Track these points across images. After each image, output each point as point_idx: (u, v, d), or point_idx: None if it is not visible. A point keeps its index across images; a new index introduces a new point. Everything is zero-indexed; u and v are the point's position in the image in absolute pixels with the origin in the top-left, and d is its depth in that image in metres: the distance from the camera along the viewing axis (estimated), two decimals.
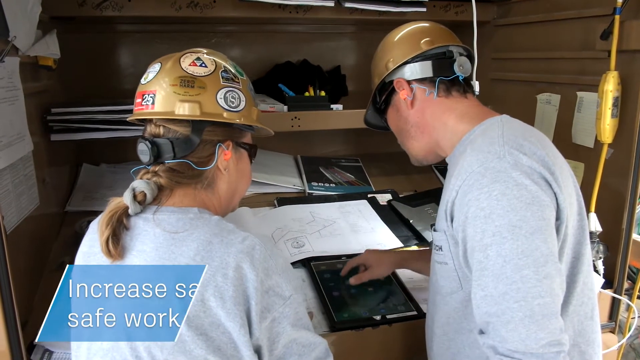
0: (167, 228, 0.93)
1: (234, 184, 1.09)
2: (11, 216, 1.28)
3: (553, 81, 1.82)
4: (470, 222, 0.96)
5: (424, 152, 1.26)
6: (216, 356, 0.88)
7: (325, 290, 1.51)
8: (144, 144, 0.99)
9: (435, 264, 1.15)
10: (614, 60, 1.49)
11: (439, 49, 1.20)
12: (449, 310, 1.12)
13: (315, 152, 2.55)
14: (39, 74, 1.66)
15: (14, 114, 1.33)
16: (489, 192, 0.94)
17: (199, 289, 0.87)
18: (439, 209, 1.13)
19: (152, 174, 0.99)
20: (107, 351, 0.92)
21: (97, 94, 2.08)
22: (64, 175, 2.00)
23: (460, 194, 0.99)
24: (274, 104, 2.01)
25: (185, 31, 2.28)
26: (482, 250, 0.94)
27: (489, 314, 0.93)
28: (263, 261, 0.92)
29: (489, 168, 0.96)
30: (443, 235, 1.08)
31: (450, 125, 1.17)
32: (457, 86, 1.20)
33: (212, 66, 1.02)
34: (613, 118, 1.51)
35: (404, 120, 1.25)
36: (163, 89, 0.99)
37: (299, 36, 2.47)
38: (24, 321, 1.25)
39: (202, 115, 0.98)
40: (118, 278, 0.92)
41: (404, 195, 2.22)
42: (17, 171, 1.34)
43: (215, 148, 1.02)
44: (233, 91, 1.03)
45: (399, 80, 1.22)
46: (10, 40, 1.26)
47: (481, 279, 0.95)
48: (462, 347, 1.10)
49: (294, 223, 1.90)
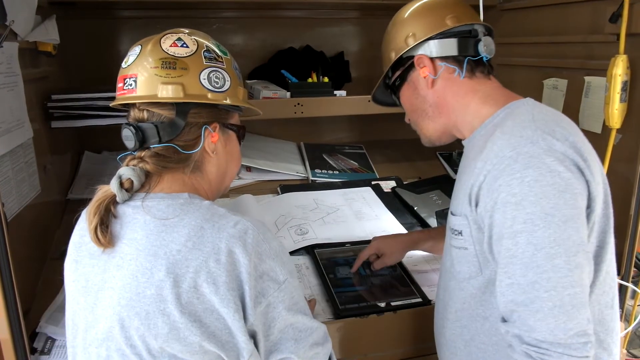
0: (157, 215, 0.92)
1: (223, 167, 1.06)
2: (12, 203, 1.27)
3: (560, 66, 1.80)
4: (499, 208, 0.94)
5: (438, 133, 1.21)
6: (211, 342, 0.87)
7: (329, 278, 1.50)
8: (128, 129, 0.97)
9: (451, 249, 1.11)
10: (623, 44, 1.46)
11: (464, 27, 1.14)
12: (464, 296, 1.10)
13: (319, 139, 2.53)
14: (39, 59, 1.65)
15: (13, 100, 1.32)
16: (521, 178, 0.91)
17: (192, 275, 0.86)
18: (456, 192, 1.10)
19: (138, 160, 0.97)
20: (101, 341, 0.91)
21: (98, 81, 2.05)
22: (66, 162, 1.98)
23: (489, 179, 0.96)
24: (277, 90, 1.99)
25: (186, 17, 2.26)
26: (511, 237, 0.91)
27: (515, 302, 0.91)
28: (256, 245, 0.90)
29: (522, 153, 0.93)
30: (464, 220, 1.05)
31: (473, 107, 1.12)
32: (482, 67, 1.15)
33: (193, 46, 0.99)
34: (622, 103, 1.48)
35: (421, 99, 1.19)
36: (144, 71, 0.96)
37: (302, 22, 2.44)
38: (26, 309, 1.24)
39: (185, 97, 0.96)
40: (110, 267, 0.92)
41: (408, 182, 2.20)
42: (17, 158, 1.33)
43: (201, 131, 0.99)
44: (217, 71, 1.00)
45: (420, 57, 1.15)
46: (8, 25, 1.25)
47: (508, 266, 0.92)
48: (477, 334, 1.08)
49: (297, 210, 1.89)
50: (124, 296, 0.88)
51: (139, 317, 0.87)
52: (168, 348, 0.86)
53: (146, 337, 0.86)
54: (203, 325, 0.86)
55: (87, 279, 0.95)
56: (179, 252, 0.87)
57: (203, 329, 0.86)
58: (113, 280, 0.90)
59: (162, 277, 0.86)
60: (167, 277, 0.86)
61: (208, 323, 0.87)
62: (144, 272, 0.87)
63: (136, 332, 0.87)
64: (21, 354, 1.17)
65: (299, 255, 1.65)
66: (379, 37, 1.32)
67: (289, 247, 1.65)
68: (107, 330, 0.90)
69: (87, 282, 0.95)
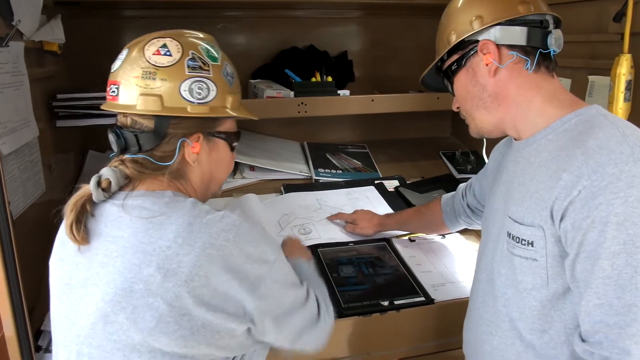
0: (142, 214, 0.92)
1: (207, 175, 1.06)
2: (17, 202, 1.28)
3: (563, 65, 1.76)
4: (596, 227, 0.88)
5: (491, 126, 1.13)
6: (200, 335, 0.88)
7: (333, 277, 1.50)
8: (112, 134, 0.97)
9: (513, 257, 1.05)
10: (627, 43, 1.46)
11: (536, 16, 1.05)
12: (522, 307, 1.05)
13: (322, 139, 2.54)
14: (44, 59, 1.65)
15: (19, 100, 1.33)
16: (625, 198, 0.86)
17: (183, 270, 0.86)
18: (521, 199, 1.03)
19: (119, 162, 0.98)
20: (83, 338, 0.91)
21: (103, 80, 2.04)
22: (70, 161, 1.99)
23: (586, 195, 0.90)
24: (281, 89, 2.00)
25: (190, 16, 2.26)
26: (608, 258, 0.87)
27: (606, 324, 0.88)
28: (245, 234, 0.92)
29: (624, 171, 0.87)
30: (539, 231, 0.98)
31: (536, 105, 1.05)
32: (548, 62, 1.07)
33: (177, 54, 0.96)
34: (626, 102, 1.48)
35: (480, 87, 1.10)
36: (126, 80, 0.96)
37: (306, 21, 2.44)
38: (31, 307, 1.25)
39: (163, 110, 0.94)
40: (94, 264, 0.92)
41: (412, 181, 2.20)
42: (22, 157, 1.34)
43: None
44: (200, 81, 0.97)
45: (486, 42, 1.06)
46: (14, 25, 1.25)
47: (600, 287, 0.88)
48: (531, 346, 1.04)
49: (300, 210, 1.89)
50: (108, 292, 0.89)
51: (124, 311, 0.87)
52: (154, 342, 0.87)
53: (131, 332, 0.87)
54: (192, 318, 0.87)
55: (70, 277, 0.95)
56: (169, 248, 0.88)
57: (192, 323, 0.87)
58: (97, 277, 0.91)
59: (152, 272, 0.87)
60: (157, 272, 0.86)
61: (197, 316, 0.87)
62: (131, 268, 0.88)
63: (120, 327, 0.87)
64: (26, 351, 1.17)
65: None
66: (383, 37, 1.32)
67: None
68: (90, 327, 0.90)
69: (70, 279, 0.95)
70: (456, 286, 1.52)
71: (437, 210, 1.62)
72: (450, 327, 1.38)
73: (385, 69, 2.54)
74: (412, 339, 1.45)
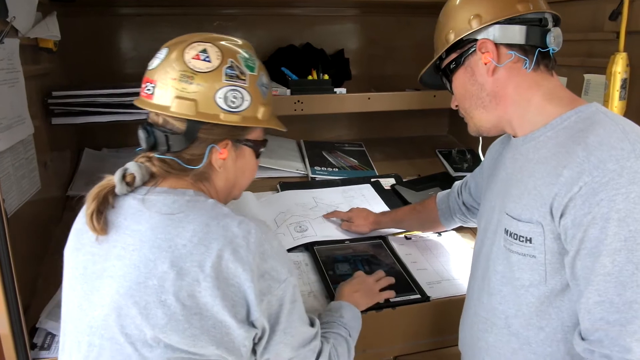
0: (162, 210, 0.93)
1: (231, 180, 1.06)
2: (12, 199, 1.28)
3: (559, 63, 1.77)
4: (597, 223, 0.88)
5: (490, 125, 1.13)
6: (209, 336, 0.88)
7: (329, 274, 1.50)
8: (142, 131, 0.98)
9: (510, 254, 1.05)
10: (622, 42, 1.46)
11: (535, 14, 1.05)
12: (519, 303, 1.05)
13: (319, 137, 2.54)
14: (40, 56, 1.65)
15: (14, 96, 1.32)
16: (626, 194, 0.86)
17: (196, 269, 0.87)
18: (519, 196, 1.03)
19: (146, 158, 0.99)
20: (95, 329, 0.91)
21: (99, 78, 2.07)
22: (66, 159, 1.99)
23: (587, 191, 0.89)
24: (277, 87, 2.00)
25: (187, 14, 2.26)
26: (609, 254, 0.87)
27: (606, 321, 0.87)
28: (259, 245, 0.92)
29: (626, 167, 0.87)
30: (537, 228, 0.98)
31: (535, 103, 1.05)
32: (547, 60, 1.07)
33: (217, 61, 0.96)
34: (621, 100, 1.48)
35: (478, 86, 1.10)
36: (163, 80, 0.96)
37: (302, 19, 2.44)
38: (26, 305, 1.25)
39: (197, 116, 0.95)
40: (111, 256, 0.93)
41: (408, 179, 2.21)
42: (17, 154, 1.34)
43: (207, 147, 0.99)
44: (236, 90, 0.97)
45: (484, 41, 1.05)
46: (9, 21, 1.25)
47: (600, 284, 0.88)
48: (527, 343, 1.05)
49: (297, 207, 1.89)
50: (123, 285, 0.89)
51: (137, 306, 0.87)
52: (165, 338, 0.87)
53: (143, 327, 0.87)
54: (203, 318, 0.87)
55: (86, 267, 0.95)
56: (184, 246, 0.88)
57: (202, 322, 0.87)
58: (113, 269, 0.91)
59: (166, 269, 0.87)
60: (170, 270, 0.87)
61: (208, 316, 0.88)
62: (146, 263, 0.88)
63: (133, 321, 0.88)
64: (21, 349, 1.17)
65: (299, 252, 1.65)
66: (379, 35, 1.32)
67: (289, 244, 1.66)
68: (102, 319, 0.90)
69: (85, 269, 0.95)
70: (452, 284, 1.52)
71: (432, 208, 1.63)
72: (446, 325, 1.39)
73: (382, 67, 2.54)
74: (408, 336, 1.45)
